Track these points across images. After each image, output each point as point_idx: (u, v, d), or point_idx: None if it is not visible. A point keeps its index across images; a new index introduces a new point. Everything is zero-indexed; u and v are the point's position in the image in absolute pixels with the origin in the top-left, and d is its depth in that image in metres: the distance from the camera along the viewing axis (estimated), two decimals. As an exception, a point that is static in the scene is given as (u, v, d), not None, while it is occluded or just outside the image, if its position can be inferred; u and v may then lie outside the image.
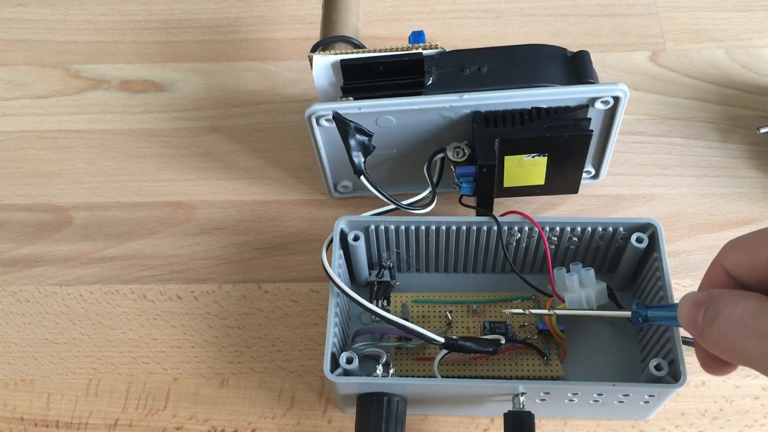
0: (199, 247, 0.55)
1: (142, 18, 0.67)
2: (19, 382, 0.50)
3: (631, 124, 0.58)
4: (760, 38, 0.63)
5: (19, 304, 0.53)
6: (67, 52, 0.65)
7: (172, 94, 0.63)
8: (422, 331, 0.42)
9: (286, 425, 0.48)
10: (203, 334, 0.51)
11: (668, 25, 0.64)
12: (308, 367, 0.50)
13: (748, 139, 0.58)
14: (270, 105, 0.62)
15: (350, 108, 0.47)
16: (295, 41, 0.65)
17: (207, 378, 0.50)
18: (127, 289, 0.53)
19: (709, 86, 0.61)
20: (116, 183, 0.58)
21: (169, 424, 0.48)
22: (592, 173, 0.54)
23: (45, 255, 0.55)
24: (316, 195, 0.57)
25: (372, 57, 0.48)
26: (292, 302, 0.52)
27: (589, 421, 0.47)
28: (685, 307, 0.31)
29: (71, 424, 0.49)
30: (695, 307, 0.31)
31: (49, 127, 0.61)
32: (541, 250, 0.48)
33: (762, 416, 0.47)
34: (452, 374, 0.47)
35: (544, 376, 0.46)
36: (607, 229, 0.46)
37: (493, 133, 0.46)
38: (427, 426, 0.47)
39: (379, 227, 0.47)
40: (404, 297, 0.50)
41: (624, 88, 0.46)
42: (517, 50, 0.49)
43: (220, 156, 0.59)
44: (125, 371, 0.50)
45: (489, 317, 0.49)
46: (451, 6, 0.66)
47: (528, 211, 0.47)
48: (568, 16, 0.65)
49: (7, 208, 0.58)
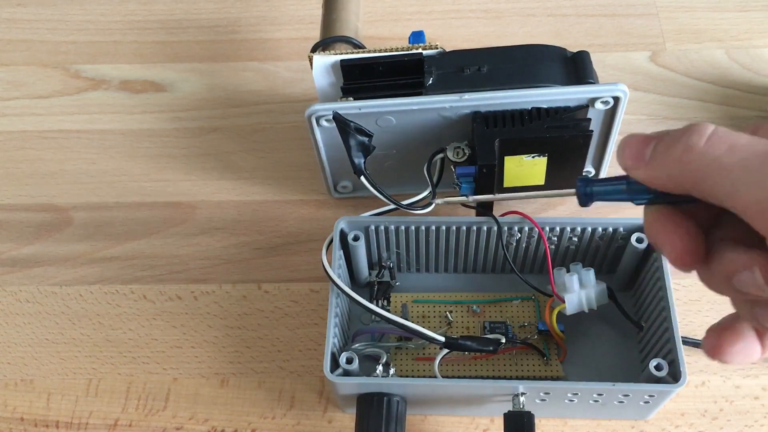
0: (199, 247, 0.55)
1: (142, 18, 0.67)
2: (19, 382, 0.50)
3: (631, 124, 0.58)
4: (760, 38, 0.63)
5: (19, 304, 0.53)
6: (67, 52, 0.65)
7: (172, 94, 0.63)
8: (423, 331, 0.42)
9: (286, 425, 0.48)
10: (203, 334, 0.51)
11: (668, 25, 0.64)
12: (308, 367, 0.50)
13: (748, 139, 0.58)
14: (270, 105, 0.62)
15: (350, 108, 0.47)
16: (295, 41, 0.65)
17: (207, 378, 0.50)
18: (127, 289, 0.53)
19: (709, 86, 0.61)
20: (116, 183, 0.58)
21: (169, 425, 0.48)
22: (592, 173, 0.54)
23: (45, 255, 0.55)
24: (316, 195, 0.57)
25: (372, 57, 0.48)
26: (292, 302, 0.52)
27: (589, 421, 0.47)
28: (629, 140, 0.30)
29: (71, 424, 0.49)
30: (642, 143, 0.30)
31: (49, 127, 0.61)
32: (541, 250, 0.48)
33: (762, 416, 0.47)
34: (452, 374, 0.47)
35: (544, 376, 0.46)
36: (607, 229, 0.46)
37: (493, 133, 0.46)
38: (427, 426, 0.47)
39: (379, 227, 0.47)
40: (404, 297, 0.50)
41: (624, 88, 0.46)
42: (517, 50, 0.49)
43: (220, 156, 0.59)
44: (125, 371, 0.50)
45: (489, 317, 0.49)
46: (451, 6, 0.66)
47: (528, 211, 0.47)
48: (568, 16, 0.65)
49: (7, 208, 0.58)
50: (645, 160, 0.30)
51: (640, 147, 0.30)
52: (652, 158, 0.30)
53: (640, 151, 0.30)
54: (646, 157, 0.30)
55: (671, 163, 0.29)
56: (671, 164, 0.29)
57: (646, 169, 0.30)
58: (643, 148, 0.30)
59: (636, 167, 0.30)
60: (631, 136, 0.31)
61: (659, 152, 0.29)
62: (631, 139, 0.31)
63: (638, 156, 0.30)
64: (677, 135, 0.29)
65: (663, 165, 0.29)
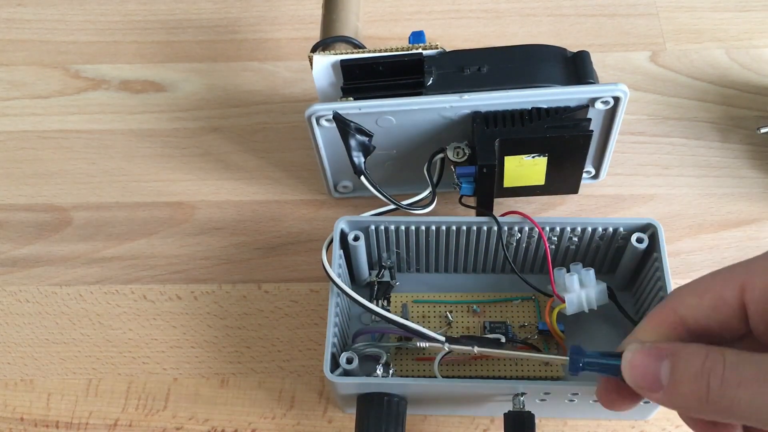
0: (199, 247, 0.55)
1: (142, 18, 0.67)
2: (19, 382, 0.50)
3: (631, 124, 0.58)
4: (760, 38, 0.63)
5: (19, 304, 0.53)
6: (67, 52, 0.65)
7: (172, 94, 0.63)
8: (423, 330, 0.42)
9: (286, 425, 0.48)
10: (203, 334, 0.51)
11: (668, 25, 0.64)
12: (308, 367, 0.50)
13: (748, 139, 0.58)
14: (270, 105, 0.62)
15: (350, 108, 0.47)
16: (295, 41, 0.65)
17: (207, 378, 0.50)
18: (127, 289, 0.53)
19: (709, 86, 0.61)
20: (116, 183, 0.58)
21: (169, 425, 0.48)
22: (592, 173, 0.54)
23: (45, 255, 0.55)
24: (316, 195, 0.57)
25: (372, 57, 0.48)
26: (292, 302, 0.52)
27: (589, 421, 0.47)
28: (637, 359, 0.29)
29: (71, 425, 0.49)
30: (652, 362, 0.28)
31: (49, 127, 0.61)
32: (541, 250, 0.48)
33: (762, 416, 0.47)
34: (452, 374, 0.47)
35: (544, 376, 0.46)
36: (607, 229, 0.46)
37: (494, 133, 0.46)
38: (427, 426, 0.47)
39: (379, 227, 0.47)
40: (404, 297, 0.50)
41: (624, 88, 0.46)
42: (517, 50, 0.49)
43: (220, 156, 0.59)
44: (125, 371, 0.50)
45: (489, 317, 0.49)
46: (451, 6, 0.66)
47: (528, 211, 0.47)
48: (568, 16, 0.65)
49: (7, 208, 0.58)
50: (662, 385, 0.28)
51: (652, 367, 0.28)
52: (672, 386, 0.28)
53: (654, 372, 0.28)
54: (663, 382, 0.28)
55: (701, 393, 0.27)
56: (701, 394, 0.27)
57: (665, 396, 0.28)
58: (656, 369, 0.28)
59: (653, 391, 0.28)
60: (636, 354, 0.29)
61: (680, 379, 0.27)
62: (636, 358, 0.29)
63: (654, 380, 0.28)
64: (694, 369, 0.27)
65: (691, 395, 0.27)
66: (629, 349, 0.30)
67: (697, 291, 0.30)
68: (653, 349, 0.29)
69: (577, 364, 0.34)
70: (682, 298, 0.31)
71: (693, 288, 0.31)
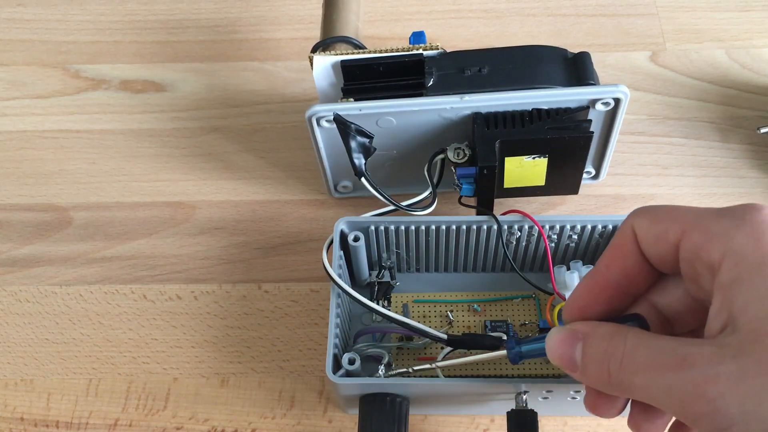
0: (199, 247, 0.55)
1: (142, 18, 0.67)
2: (19, 382, 0.50)
3: (631, 124, 0.59)
4: (760, 38, 0.63)
5: (19, 304, 0.53)
6: (67, 52, 0.65)
7: (172, 94, 0.63)
8: (426, 329, 0.42)
9: (286, 425, 0.48)
10: (203, 334, 0.51)
11: (668, 25, 0.64)
12: (308, 367, 0.50)
13: (748, 139, 0.58)
14: (270, 105, 0.62)
15: (351, 109, 0.47)
16: (295, 41, 0.65)
17: (207, 378, 0.50)
18: (127, 289, 0.53)
19: (709, 86, 0.61)
20: (116, 183, 0.58)
21: (169, 424, 0.48)
22: (593, 174, 0.54)
23: (45, 255, 0.55)
24: (316, 195, 0.57)
25: (372, 58, 0.48)
26: (292, 302, 0.52)
27: (590, 420, 0.47)
28: (555, 343, 0.31)
29: (71, 424, 0.49)
30: (567, 345, 0.30)
31: (49, 127, 0.61)
32: (541, 249, 0.49)
33: (762, 416, 0.47)
34: (454, 374, 0.47)
35: (546, 374, 0.46)
36: (607, 226, 0.47)
37: (494, 134, 0.46)
38: (428, 426, 0.47)
39: (379, 228, 0.47)
40: (405, 297, 0.50)
41: (625, 89, 0.46)
42: (518, 51, 0.49)
43: (220, 156, 0.59)
44: (125, 371, 0.50)
45: (490, 316, 0.49)
46: (451, 6, 0.66)
47: (528, 210, 0.47)
48: (568, 16, 0.65)
49: (7, 208, 0.58)
50: (578, 366, 0.30)
51: (569, 350, 0.30)
52: (582, 368, 0.30)
53: (570, 355, 0.30)
54: (578, 363, 0.30)
55: (603, 376, 0.29)
56: (603, 377, 0.29)
57: (580, 376, 0.30)
58: (572, 351, 0.30)
59: (571, 371, 0.31)
60: (554, 338, 0.31)
61: (588, 362, 0.30)
62: (553, 341, 0.31)
63: (570, 361, 0.30)
64: (601, 345, 0.29)
65: (596, 376, 0.30)
66: (550, 332, 0.32)
67: (652, 216, 0.31)
68: (569, 332, 0.31)
69: (516, 357, 0.36)
70: (639, 217, 0.31)
71: (652, 213, 0.31)
